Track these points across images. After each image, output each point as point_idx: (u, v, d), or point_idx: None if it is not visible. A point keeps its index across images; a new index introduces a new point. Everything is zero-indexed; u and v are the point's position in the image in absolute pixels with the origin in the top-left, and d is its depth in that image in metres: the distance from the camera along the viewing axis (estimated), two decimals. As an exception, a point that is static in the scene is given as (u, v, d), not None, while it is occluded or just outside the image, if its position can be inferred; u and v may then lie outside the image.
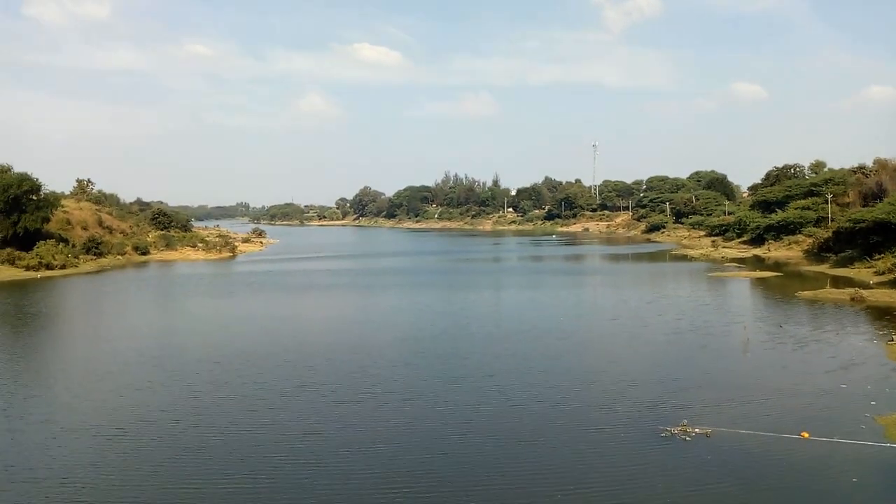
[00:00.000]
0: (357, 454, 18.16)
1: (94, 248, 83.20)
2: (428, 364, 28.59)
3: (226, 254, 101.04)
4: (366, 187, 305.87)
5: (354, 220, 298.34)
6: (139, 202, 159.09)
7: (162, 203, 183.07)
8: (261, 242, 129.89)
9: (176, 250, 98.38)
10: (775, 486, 15.83)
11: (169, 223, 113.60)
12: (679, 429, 19.17)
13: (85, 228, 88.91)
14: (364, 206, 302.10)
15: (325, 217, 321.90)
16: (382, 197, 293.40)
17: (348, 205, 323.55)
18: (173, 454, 18.22)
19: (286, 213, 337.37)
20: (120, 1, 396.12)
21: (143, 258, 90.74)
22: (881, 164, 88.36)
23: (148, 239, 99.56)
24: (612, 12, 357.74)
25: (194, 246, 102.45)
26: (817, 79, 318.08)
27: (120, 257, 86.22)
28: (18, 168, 79.14)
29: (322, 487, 16.08)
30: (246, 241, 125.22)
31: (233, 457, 18.01)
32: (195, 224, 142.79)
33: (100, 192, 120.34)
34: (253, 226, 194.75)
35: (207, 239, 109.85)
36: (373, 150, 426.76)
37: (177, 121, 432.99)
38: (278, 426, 20.48)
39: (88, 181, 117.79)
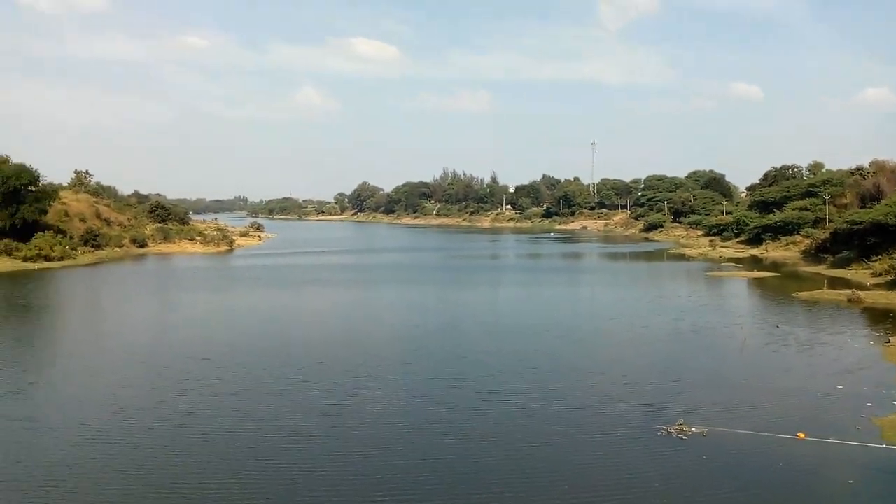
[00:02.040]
0: (349, 457, 17.90)
1: (91, 240, 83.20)
2: (424, 362, 28.48)
3: (223, 247, 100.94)
4: (364, 182, 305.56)
5: (353, 215, 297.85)
6: (137, 194, 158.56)
7: (160, 196, 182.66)
8: (259, 237, 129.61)
9: (173, 243, 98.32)
10: (770, 486, 15.90)
11: (167, 216, 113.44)
12: (676, 428, 19.23)
13: (83, 220, 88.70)
14: (362, 202, 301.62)
15: (323, 212, 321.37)
16: (381, 192, 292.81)
17: (347, 200, 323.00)
18: (155, 455, 17.93)
19: (284, 208, 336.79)
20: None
21: (141, 251, 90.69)
22: (879, 166, 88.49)
23: (146, 231, 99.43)
24: (609, 8, 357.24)
25: (192, 239, 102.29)
26: (815, 80, 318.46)
27: (118, 249, 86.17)
28: (17, 159, 79.05)
29: (310, 492, 15.78)
30: (244, 234, 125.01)
31: (216, 458, 17.69)
32: (193, 217, 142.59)
33: (97, 183, 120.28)
34: (251, 220, 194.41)
35: (205, 232, 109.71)
36: (370, 144, 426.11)
37: (174, 112, 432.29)
38: (266, 426, 20.15)
39: (86, 173, 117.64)
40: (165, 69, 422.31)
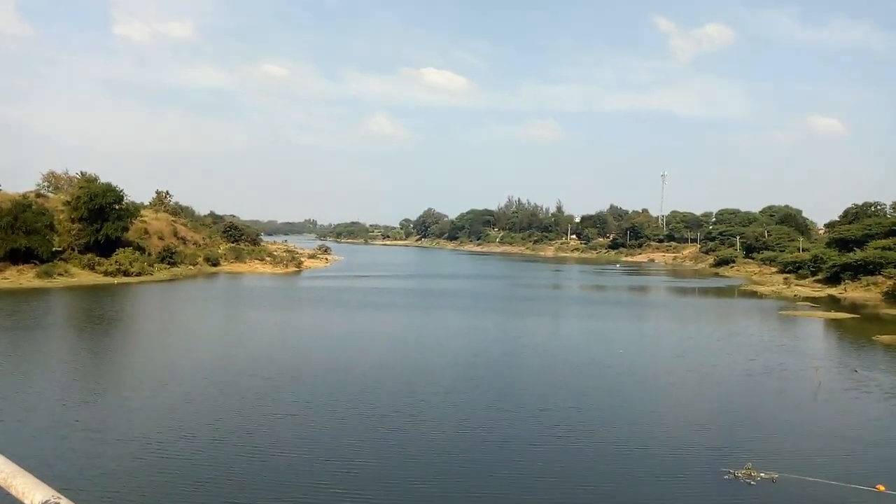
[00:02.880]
0: (402, 486, 17.82)
1: (168, 257, 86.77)
2: (481, 393, 28.12)
3: (292, 268, 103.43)
4: (429, 209, 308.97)
5: (417, 240, 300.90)
6: (212, 215, 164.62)
7: (234, 217, 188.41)
8: (326, 259, 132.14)
9: (245, 263, 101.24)
10: (846, 541, 15.01)
11: (239, 236, 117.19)
12: (744, 472, 18.45)
13: (161, 238, 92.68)
14: (427, 228, 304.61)
15: (388, 237, 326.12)
16: (445, 219, 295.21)
17: (412, 225, 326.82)
18: (212, 473, 18.24)
19: (351, 232, 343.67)
20: (201, 21, 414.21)
21: (214, 269, 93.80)
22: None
23: (219, 251, 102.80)
24: (681, 41, 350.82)
25: (262, 259, 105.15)
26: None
27: (192, 267, 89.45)
28: (104, 178, 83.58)
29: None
30: (312, 257, 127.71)
31: (272, 480, 17.81)
32: (264, 238, 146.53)
33: (176, 203, 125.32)
34: (319, 242, 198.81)
35: (275, 253, 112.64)
36: (437, 172, 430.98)
37: (250, 138, 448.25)
38: (322, 450, 20.18)
39: (167, 193, 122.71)
40: (246, 97, 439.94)
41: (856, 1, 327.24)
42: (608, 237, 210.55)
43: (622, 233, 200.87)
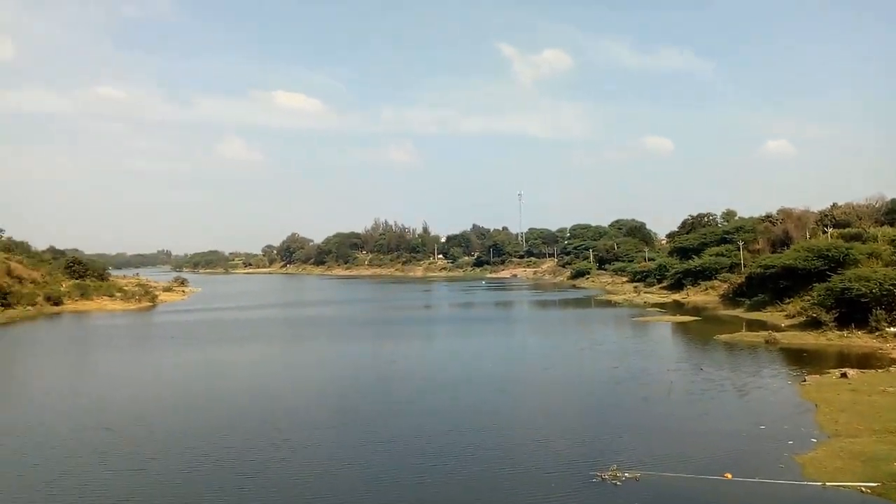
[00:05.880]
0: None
1: (1, 298, 78.71)
2: (353, 425, 27.15)
3: (145, 303, 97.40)
4: (293, 234, 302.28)
5: (282, 267, 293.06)
6: (52, 250, 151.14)
7: (77, 251, 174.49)
8: (183, 291, 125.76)
9: (92, 300, 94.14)
10: (703, 529, 16.18)
11: (85, 272, 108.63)
12: (609, 474, 19.49)
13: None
14: (292, 254, 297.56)
15: (251, 265, 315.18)
16: (311, 244, 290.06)
17: (275, 252, 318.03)
18: None
19: (210, 261, 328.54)
20: (26, 42, 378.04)
21: (56, 309, 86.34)
22: (786, 214, 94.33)
23: (61, 288, 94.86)
24: (523, 66, 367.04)
25: (112, 296, 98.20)
26: (722, 133, 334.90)
27: (30, 308, 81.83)
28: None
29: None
30: (167, 290, 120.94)
31: None
32: (113, 273, 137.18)
33: (9, 239, 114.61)
34: (175, 274, 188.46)
35: (126, 288, 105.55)
36: (299, 196, 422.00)
37: (94, 165, 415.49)
38: None
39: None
40: (82, 122, 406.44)
41: (680, 32, 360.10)
42: (473, 255, 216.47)
43: (485, 251, 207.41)
